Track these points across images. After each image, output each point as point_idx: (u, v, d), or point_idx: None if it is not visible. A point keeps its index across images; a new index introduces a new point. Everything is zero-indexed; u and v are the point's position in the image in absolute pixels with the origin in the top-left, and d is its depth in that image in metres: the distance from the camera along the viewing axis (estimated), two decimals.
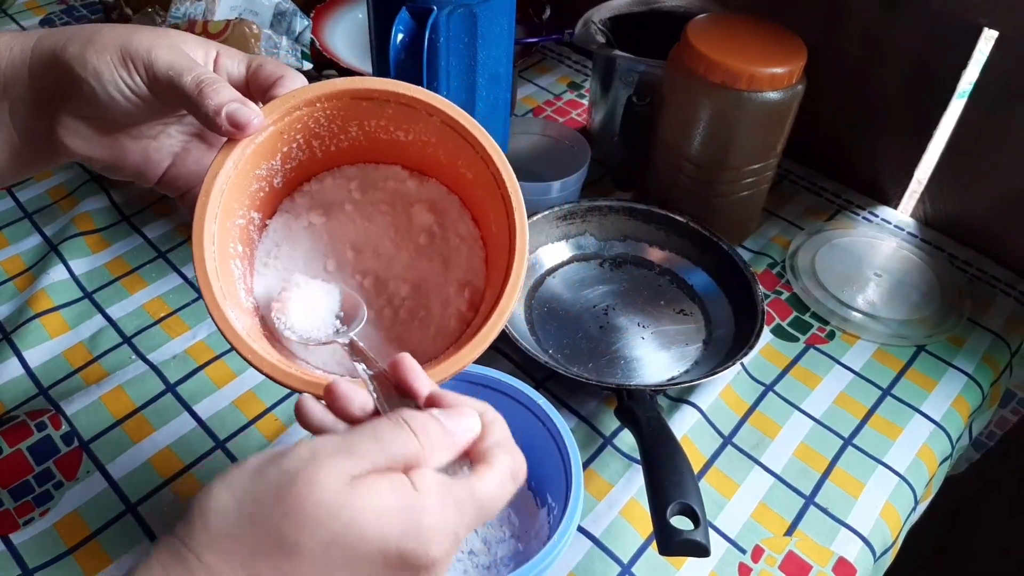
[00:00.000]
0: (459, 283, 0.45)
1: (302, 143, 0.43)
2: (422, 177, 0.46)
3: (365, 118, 0.43)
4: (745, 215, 0.76)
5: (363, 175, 0.46)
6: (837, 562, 0.54)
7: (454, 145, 0.43)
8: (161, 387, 0.62)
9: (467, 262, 0.45)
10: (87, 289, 0.69)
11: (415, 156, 0.46)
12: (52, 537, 0.53)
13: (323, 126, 0.43)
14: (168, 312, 0.68)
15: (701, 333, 0.67)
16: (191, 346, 0.65)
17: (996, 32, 0.67)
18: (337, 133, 0.44)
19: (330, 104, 0.42)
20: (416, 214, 0.46)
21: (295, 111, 0.41)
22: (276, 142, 0.42)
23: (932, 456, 0.61)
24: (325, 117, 0.43)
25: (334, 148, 0.44)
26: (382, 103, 0.43)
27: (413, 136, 0.44)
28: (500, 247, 0.43)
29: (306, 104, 0.41)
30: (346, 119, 0.43)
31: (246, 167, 0.40)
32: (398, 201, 0.46)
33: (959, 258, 0.77)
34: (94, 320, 0.67)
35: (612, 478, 0.58)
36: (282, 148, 0.42)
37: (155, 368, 0.63)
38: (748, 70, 0.63)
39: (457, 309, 0.44)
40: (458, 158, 0.44)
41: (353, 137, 0.44)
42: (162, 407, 0.61)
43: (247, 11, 0.70)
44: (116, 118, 0.41)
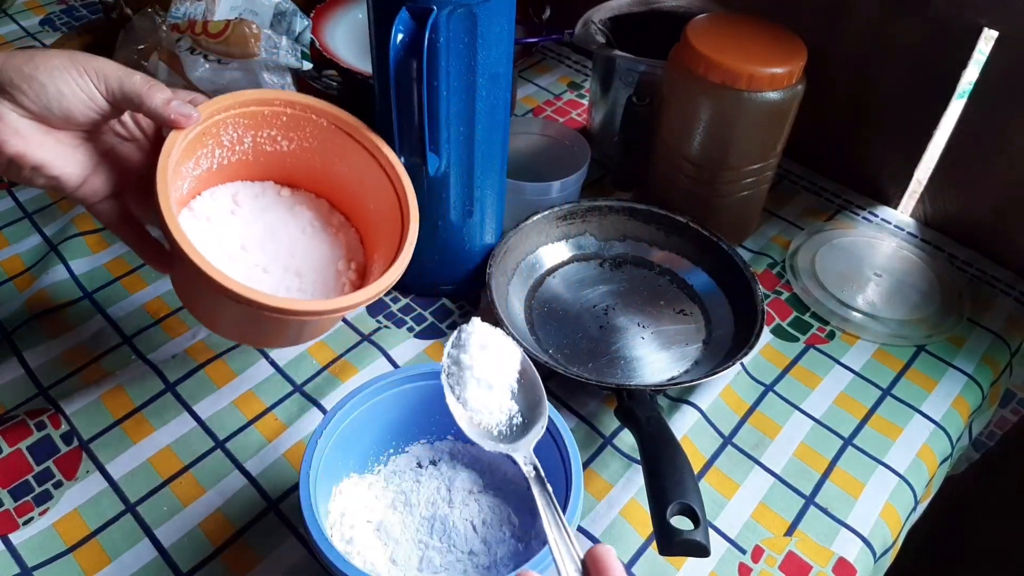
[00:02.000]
0: (345, 259, 0.58)
1: (210, 150, 0.53)
2: (293, 188, 0.60)
3: (262, 127, 0.54)
4: (745, 215, 0.76)
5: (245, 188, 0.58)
6: (837, 562, 0.54)
7: (335, 144, 0.56)
8: (161, 387, 0.62)
9: (346, 243, 0.59)
10: (87, 289, 0.69)
11: (289, 167, 0.58)
12: (52, 536, 0.53)
13: (228, 135, 0.53)
14: (168, 312, 0.68)
15: (701, 333, 0.67)
16: (191, 346, 0.65)
17: (996, 32, 0.67)
18: (234, 144, 0.54)
19: (241, 111, 0.52)
20: (298, 212, 0.59)
21: (218, 114, 0.51)
22: (194, 145, 0.51)
23: (932, 456, 0.61)
24: (233, 125, 0.53)
25: (226, 162, 0.55)
26: (280, 110, 0.54)
27: (295, 145, 0.56)
28: (389, 217, 0.55)
29: (224, 109, 0.51)
30: (246, 128, 0.54)
31: (179, 159, 0.49)
32: (281, 204, 0.59)
33: (959, 258, 0.77)
34: (94, 320, 0.67)
35: (612, 478, 0.58)
36: (196, 151, 0.51)
37: (155, 368, 0.63)
38: (748, 70, 0.63)
39: (348, 279, 0.57)
40: (335, 156, 0.56)
41: (243, 151, 0.55)
42: (162, 407, 0.61)
43: (247, 11, 0.70)
44: (56, 118, 0.46)
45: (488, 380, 0.47)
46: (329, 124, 0.55)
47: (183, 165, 0.50)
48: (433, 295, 0.71)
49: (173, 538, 0.53)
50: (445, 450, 0.56)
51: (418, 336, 0.67)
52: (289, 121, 0.55)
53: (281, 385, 0.63)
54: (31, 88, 0.45)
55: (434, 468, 0.55)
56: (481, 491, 0.53)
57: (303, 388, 0.63)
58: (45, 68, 0.45)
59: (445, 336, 0.67)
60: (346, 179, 0.57)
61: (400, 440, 0.55)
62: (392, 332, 0.67)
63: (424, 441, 0.56)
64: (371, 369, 0.64)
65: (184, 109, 0.48)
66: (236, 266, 0.54)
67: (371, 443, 0.54)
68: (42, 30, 1.02)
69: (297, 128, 0.55)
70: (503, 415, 0.48)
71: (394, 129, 0.56)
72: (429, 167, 0.59)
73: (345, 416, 0.50)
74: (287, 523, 0.54)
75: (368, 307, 0.69)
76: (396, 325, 0.68)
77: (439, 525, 0.51)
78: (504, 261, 0.68)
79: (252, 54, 0.66)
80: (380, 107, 0.59)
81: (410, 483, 0.54)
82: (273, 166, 0.57)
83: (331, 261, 0.57)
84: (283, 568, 0.52)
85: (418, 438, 0.56)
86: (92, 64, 0.46)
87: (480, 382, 0.47)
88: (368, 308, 0.69)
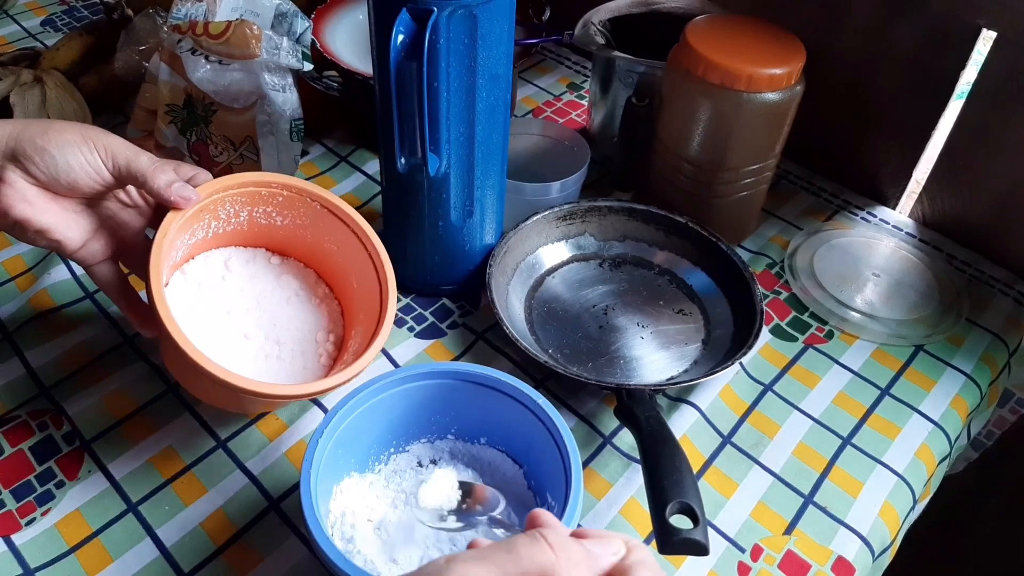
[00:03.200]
0: (325, 330, 0.61)
1: (204, 224, 0.56)
2: (283, 256, 0.63)
3: (258, 204, 0.58)
4: (744, 215, 0.76)
5: (237, 253, 0.61)
6: (836, 561, 0.54)
7: (326, 224, 0.59)
8: (162, 387, 0.62)
9: (328, 316, 0.61)
10: (88, 289, 0.69)
11: (281, 239, 0.61)
12: (54, 537, 0.53)
13: (225, 210, 0.56)
14: None
15: (700, 333, 0.67)
16: None
17: (995, 33, 0.67)
18: (230, 217, 0.58)
19: (239, 190, 0.56)
20: (284, 281, 0.62)
21: (217, 193, 0.54)
22: (192, 220, 0.54)
23: (931, 455, 0.62)
24: (231, 202, 0.56)
25: (221, 232, 0.58)
26: (276, 191, 0.57)
27: (289, 220, 0.59)
28: (370, 297, 0.58)
29: (224, 189, 0.54)
30: (243, 204, 0.57)
31: (175, 236, 0.52)
32: (270, 272, 0.62)
33: (957, 258, 0.77)
34: (96, 320, 0.67)
35: (612, 477, 0.58)
36: (191, 226, 0.54)
37: (156, 368, 0.63)
38: (747, 71, 0.63)
39: (325, 350, 0.60)
40: (325, 234, 0.60)
41: (239, 223, 0.58)
42: (163, 407, 0.61)
43: (248, 12, 0.70)
44: (63, 187, 0.50)
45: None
46: (321, 208, 0.59)
47: (178, 238, 0.54)
48: (433, 295, 0.71)
49: (175, 538, 0.53)
50: (445, 449, 0.56)
51: (418, 336, 0.67)
52: (285, 201, 0.58)
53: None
54: (42, 160, 0.48)
55: (435, 467, 0.55)
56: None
57: None
58: (57, 142, 0.48)
59: (445, 336, 0.68)
60: (334, 255, 0.61)
61: (401, 439, 0.55)
62: (392, 332, 0.67)
63: (425, 440, 0.56)
64: (371, 369, 0.64)
65: (185, 192, 0.51)
66: (221, 331, 0.57)
67: (372, 442, 0.54)
68: (43, 31, 1.03)
69: (291, 207, 0.59)
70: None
71: (394, 130, 0.57)
72: (429, 167, 0.59)
73: (346, 415, 0.50)
74: (288, 522, 0.54)
75: None
76: (396, 325, 0.68)
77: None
78: (504, 261, 0.68)
79: (253, 55, 0.66)
80: (380, 108, 0.59)
81: (411, 482, 0.54)
82: (266, 236, 0.61)
83: (311, 331, 0.60)
84: (284, 567, 0.52)
85: (419, 437, 0.56)
86: (102, 141, 0.50)
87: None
88: None
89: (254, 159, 0.70)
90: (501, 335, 0.63)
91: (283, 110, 0.69)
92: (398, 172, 0.60)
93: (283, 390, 0.51)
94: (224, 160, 0.71)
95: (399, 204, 0.65)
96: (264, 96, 0.68)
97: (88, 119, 0.84)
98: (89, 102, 0.84)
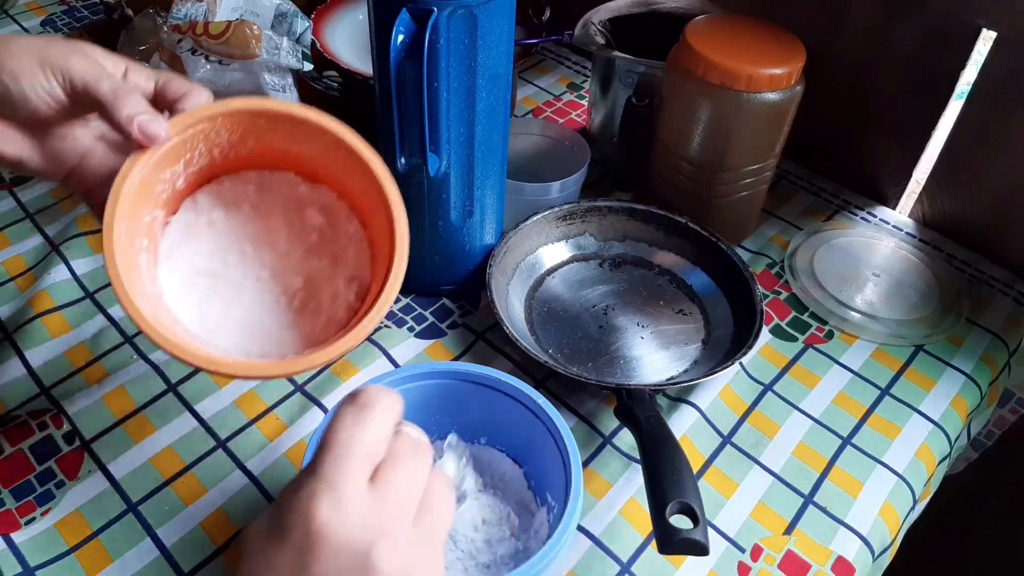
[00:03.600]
0: (347, 278, 0.50)
1: (203, 150, 0.46)
2: (314, 183, 0.50)
3: (262, 133, 0.47)
4: (744, 215, 0.76)
5: (260, 179, 0.50)
6: (836, 561, 0.54)
7: (343, 160, 0.47)
8: (162, 387, 0.62)
9: (354, 259, 0.50)
10: (89, 289, 0.69)
11: (308, 165, 0.50)
12: (54, 536, 0.53)
13: (223, 137, 0.46)
14: None
15: (700, 333, 0.67)
16: None
17: (995, 33, 0.67)
18: (236, 144, 0.47)
19: (230, 120, 0.45)
20: (309, 216, 0.50)
21: (198, 124, 0.44)
22: (180, 150, 0.45)
23: (931, 455, 0.62)
24: (226, 130, 0.46)
25: (233, 156, 0.48)
26: (277, 121, 0.46)
27: (306, 149, 0.48)
28: (384, 251, 0.48)
29: (208, 119, 0.44)
30: (244, 133, 0.47)
31: (152, 172, 0.43)
32: (292, 203, 0.50)
33: (957, 258, 0.77)
34: (96, 320, 0.67)
35: (612, 477, 0.58)
36: (185, 155, 0.45)
37: (156, 368, 0.63)
38: (747, 71, 0.63)
39: (346, 300, 0.49)
40: (346, 171, 0.48)
41: (251, 148, 0.48)
42: (163, 407, 0.61)
43: (248, 12, 0.70)
44: (28, 118, 0.43)
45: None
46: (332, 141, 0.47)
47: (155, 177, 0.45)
48: (433, 295, 0.71)
49: (175, 538, 0.53)
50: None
51: (419, 336, 0.67)
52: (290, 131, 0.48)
53: (282, 385, 0.63)
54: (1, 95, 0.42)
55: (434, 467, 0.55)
56: (481, 490, 0.53)
57: (304, 388, 0.63)
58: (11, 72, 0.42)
59: (445, 336, 0.68)
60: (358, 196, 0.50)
61: None
62: (392, 332, 0.67)
63: None
64: (372, 369, 0.64)
65: (150, 128, 0.41)
66: (230, 272, 0.49)
67: None
68: (43, 31, 1.03)
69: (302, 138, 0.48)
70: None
71: (395, 130, 0.57)
72: (429, 167, 0.59)
73: None
74: None
75: None
76: (397, 325, 0.68)
77: None
78: (504, 261, 0.68)
79: (253, 55, 0.66)
80: (381, 108, 0.59)
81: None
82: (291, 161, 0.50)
83: (332, 277, 0.50)
84: None
85: None
86: (60, 64, 0.42)
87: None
88: None
89: None
90: (501, 335, 0.63)
91: None
92: (398, 172, 0.60)
93: (270, 369, 0.43)
94: None
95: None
96: (264, 96, 0.68)
97: None
98: None
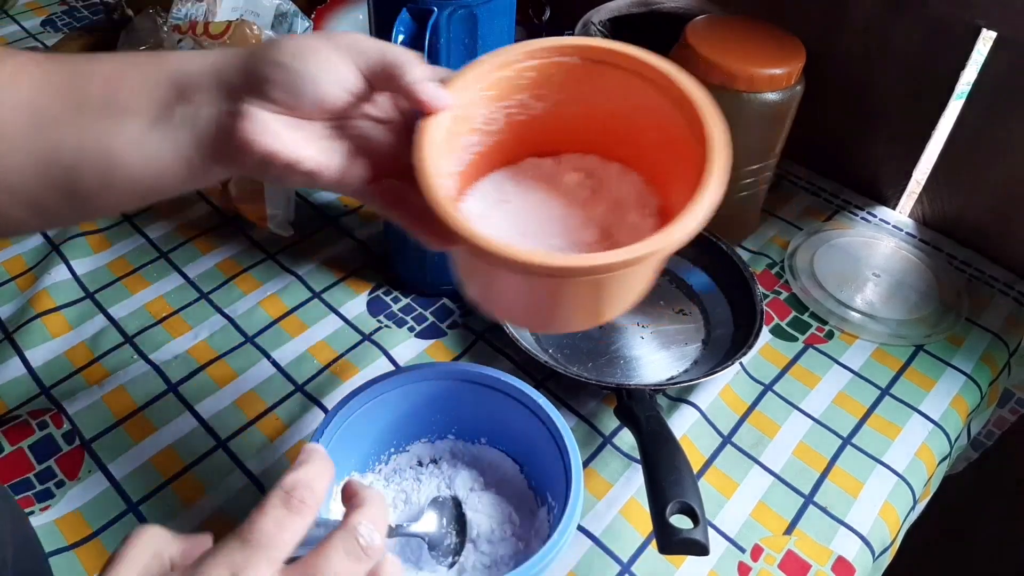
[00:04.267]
0: (638, 209, 0.46)
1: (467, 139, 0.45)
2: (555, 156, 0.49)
3: (510, 95, 0.45)
4: (744, 215, 0.76)
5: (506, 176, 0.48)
6: (836, 561, 0.54)
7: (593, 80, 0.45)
8: (163, 387, 0.62)
9: (635, 193, 0.47)
10: (89, 289, 0.69)
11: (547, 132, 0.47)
12: (53, 531, 0.53)
13: (480, 114, 0.44)
14: (170, 312, 0.68)
15: (700, 333, 0.67)
16: (193, 346, 0.65)
17: (994, 33, 0.67)
18: (488, 125, 0.45)
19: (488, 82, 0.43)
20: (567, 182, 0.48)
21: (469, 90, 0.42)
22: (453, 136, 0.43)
23: (931, 456, 0.62)
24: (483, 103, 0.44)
25: (483, 148, 0.46)
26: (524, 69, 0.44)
27: (548, 103, 0.45)
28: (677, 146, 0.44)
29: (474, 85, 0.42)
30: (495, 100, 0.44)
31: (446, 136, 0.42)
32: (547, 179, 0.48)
33: (957, 258, 0.77)
34: (96, 320, 0.67)
35: (612, 477, 0.58)
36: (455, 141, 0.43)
37: (157, 368, 0.63)
38: (747, 71, 0.63)
39: (648, 226, 0.45)
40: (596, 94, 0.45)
41: (498, 130, 0.46)
42: (163, 407, 0.61)
43: (248, 12, 0.70)
44: (309, 106, 0.40)
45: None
46: (582, 60, 0.44)
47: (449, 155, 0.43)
48: (434, 295, 0.71)
49: None
50: (446, 449, 0.56)
51: (419, 336, 0.67)
52: (537, 77, 0.45)
53: (282, 385, 0.63)
54: (286, 77, 0.39)
55: (435, 467, 0.55)
56: (482, 489, 0.53)
57: (304, 388, 0.63)
58: (299, 54, 0.39)
59: (446, 336, 0.68)
60: (613, 118, 0.47)
61: (401, 439, 0.55)
62: (393, 332, 0.67)
63: (425, 440, 0.56)
64: (372, 369, 0.64)
65: (437, 96, 0.40)
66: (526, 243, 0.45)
67: (372, 442, 0.54)
68: (43, 31, 1.03)
69: (546, 83, 0.45)
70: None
71: None
72: None
73: (346, 415, 0.50)
74: None
75: (369, 306, 0.69)
76: (397, 325, 0.68)
77: None
78: None
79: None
80: None
81: (411, 481, 0.54)
82: (529, 137, 0.48)
83: (623, 214, 0.47)
84: None
85: (419, 437, 0.56)
86: (345, 40, 0.41)
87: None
88: (369, 307, 0.69)
89: None
90: (501, 335, 0.63)
91: None
92: None
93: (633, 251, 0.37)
94: None
95: None
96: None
97: None
98: None
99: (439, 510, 0.50)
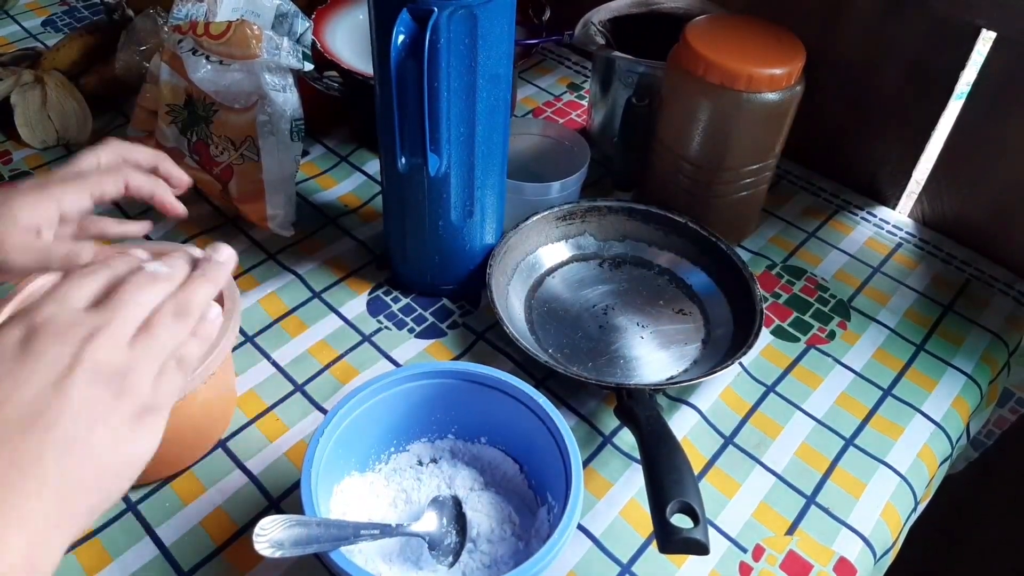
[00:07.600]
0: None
1: None
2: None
3: None
4: (744, 215, 0.76)
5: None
6: (838, 562, 0.54)
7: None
8: None
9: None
10: None
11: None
12: None
13: None
14: None
15: (700, 333, 0.67)
16: None
17: (994, 33, 0.67)
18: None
19: None
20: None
21: None
22: None
23: (932, 457, 0.61)
24: None
25: None
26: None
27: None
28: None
29: None
30: None
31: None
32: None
33: (957, 258, 0.77)
34: None
35: (612, 477, 0.58)
36: None
37: None
38: (747, 71, 0.63)
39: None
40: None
41: None
42: None
43: (249, 12, 0.70)
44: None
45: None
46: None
47: None
48: (434, 295, 0.71)
49: (174, 536, 0.53)
50: (446, 448, 0.56)
51: (418, 336, 0.67)
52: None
53: (282, 385, 0.63)
54: None
55: (435, 466, 0.55)
56: (482, 489, 0.53)
57: (304, 388, 0.63)
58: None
59: (445, 335, 0.67)
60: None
61: (401, 438, 0.55)
62: (392, 333, 0.67)
63: (425, 439, 0.56)
64: (372, 370, 0.64)
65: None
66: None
67: (372, 441, 0.54)
68: (44, 31, 1.03)
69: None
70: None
71: (395, 130, 0.57)
72: (430, 167, 0.59)
73: (346, 415, 0.50)
74: None
75: (369, 306, 0.69)
76: (397, 326, 0.68)
77: None
78: (504, 261, 0.68)
79: (254, 55, 0.66)
80: (381, 108, 0.59)
81: (411, 481, 0.54)
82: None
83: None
84: (285, 566, 0.52)
85: (419, 436, 0.56)
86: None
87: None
88: (369, 307, 0.69)
89: (255, 159, 0.70)
90: (501, 335, 0.63)
91: (283, 110, 0.69)
92: (398, 172, 0.60)
93: None
94: (225, 160, 0.71)
95: (399, 204, 0.65)
96: (264, 96, 0.68)
97: (88, 119, 0.84)
98: (89, 102, 0.85)
99: (439, 510, 0.50)
